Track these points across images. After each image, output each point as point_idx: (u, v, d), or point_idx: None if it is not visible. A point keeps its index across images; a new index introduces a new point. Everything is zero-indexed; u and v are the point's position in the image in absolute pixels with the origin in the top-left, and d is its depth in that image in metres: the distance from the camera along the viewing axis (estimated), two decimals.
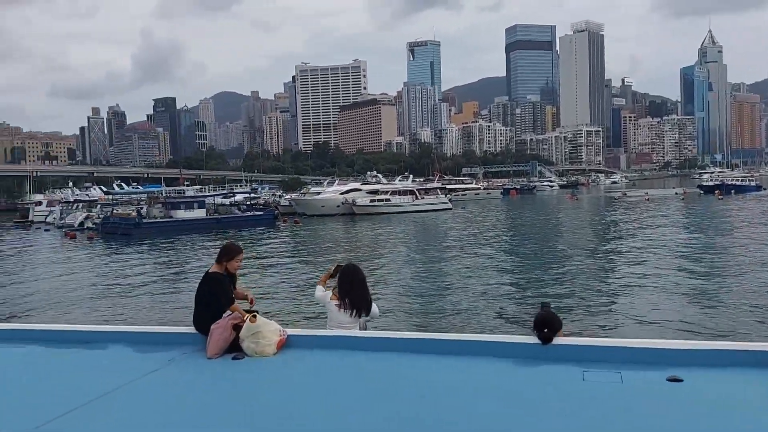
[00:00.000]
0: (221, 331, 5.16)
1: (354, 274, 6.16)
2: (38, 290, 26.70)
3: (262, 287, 22.87)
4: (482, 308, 17.82)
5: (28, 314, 21.01)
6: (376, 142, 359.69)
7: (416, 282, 23.69)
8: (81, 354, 5.18)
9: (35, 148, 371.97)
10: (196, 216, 62.33)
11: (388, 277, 24.93)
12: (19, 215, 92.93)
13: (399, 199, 78.61)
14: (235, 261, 5.72)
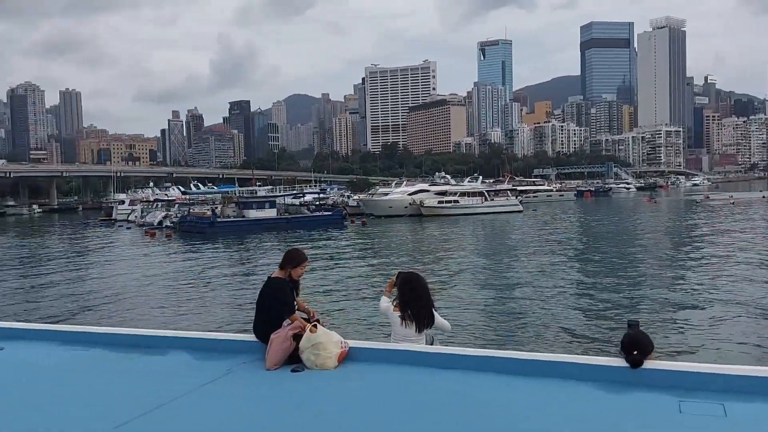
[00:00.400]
0: (281, 341, 5.04)
1: (414, 283, 5.78)
2: (116, 285, 27.75)
3: (325, 292, 22.78)
4: (556, 323, 16.57)
5: (105, 308, 21.87)
6: (445, 142, 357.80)
7: (483, 290, 22.93)
8: (141, 360, 5.17)
9: (120, 150, 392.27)
10: (267, 216, 63.61)
11: (453, 284, 24.34)
12: (104, 213, 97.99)
13: (468, 200, 77.57)
14: (299, 268, 5.62)
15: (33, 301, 24.08)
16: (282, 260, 5.66)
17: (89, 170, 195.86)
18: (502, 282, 24.64)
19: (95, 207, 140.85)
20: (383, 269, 28.61)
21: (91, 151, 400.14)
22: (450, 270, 29.05)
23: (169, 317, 19.35)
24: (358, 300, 20.90)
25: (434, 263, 31.78)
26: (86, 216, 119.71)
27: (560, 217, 71.26)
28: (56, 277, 31.52)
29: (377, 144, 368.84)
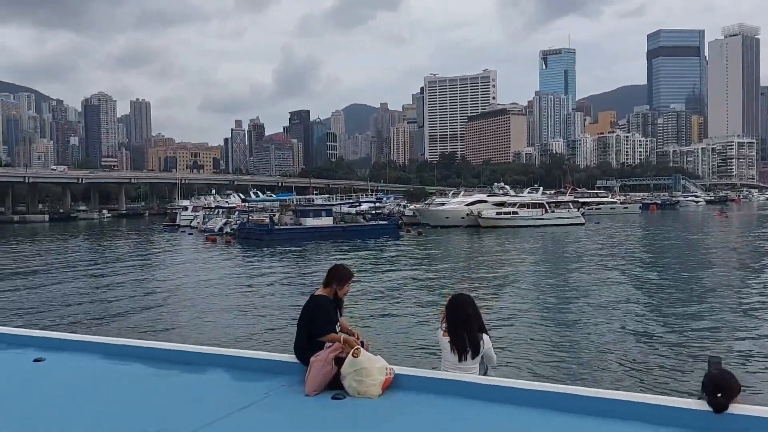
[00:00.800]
0: (321, 365, 4.69)
1: (460, 306, 5.26)
2: (173, 289, 28.20)
3: (372, 308, 22.23)
4: (622, 352, 15.10)
5: (159, 310, 22.18)
6: (504, 152, 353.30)
7: (540, 309, 21.82)
8: (179, 378, 5.04)
9: (185, 158, 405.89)
10: (323, 224, 64.01)
11: (508, 300, 23.43)
12: (168, 219, 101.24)
13: (527, 212, 75.92)
14: (346, 286, 5.30)
15: (94, 301, 24.70)
16: (326, 277, 5.34)
17: (156, 177, 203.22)
18: (561, 301, 23.54)
19: (161, 213, 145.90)
20: (438, 284, 27.77)
21: (158, 158, 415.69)
22: (506, 285, 28.15)
23: (219, 326, 19.30)
24: (407, 318, 19.63)
25: (489, 277, 30.92)
26: (152, 221, 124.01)
27: (624, 231, 68.66)
28: (118, 279, 32.46)
29: (435, 154, 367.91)
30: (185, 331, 18.11)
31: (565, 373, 13.17)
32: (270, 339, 16.77)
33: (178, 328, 18.75)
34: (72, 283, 31.45)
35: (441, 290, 25.04)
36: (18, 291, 28.98)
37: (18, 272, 37.32)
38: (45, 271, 37.74)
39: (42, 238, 79.21)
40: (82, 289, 29.05)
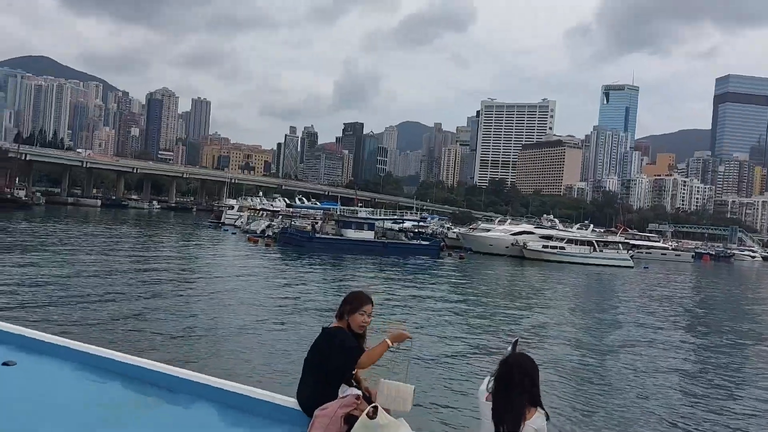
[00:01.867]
0: (326, 422, 3.77)
1: (512, 370, 3.86)
2: (207, 287, 27.82)
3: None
4: (647, 413, 13.53)
5: (185, 302, 21.70)
6: (556, 185, 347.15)
7: (582, 356, 20.19)
8: (159, 408, 4.27)
9: (237, 158, 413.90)
10: (364, 237, 63.30)
11: (546, 344, 22.01)
12: (213, 216, 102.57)
13: (575, 248, 73.50)
14: (358, 314, 4.24)
15: (128, 284, 24.43)
16: (339, 307, 4.38)
17: (207, 174, 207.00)
18: (604, 350, 21.83)
19: (208, 209, 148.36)
20: (480, 320, 26.19)
21: (212, 156, 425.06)
22: (546, 324, 26.63)
23: (238, 335, 18.51)
24: (444, 364, 16.81)
25: (529, 317, 29.43)
26: (198, 217, 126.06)
27: (675, 280, 65.61)
28: (155, 271, 32.36)
29: (484, 178, 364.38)
30: (201, 343, 17.34)
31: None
32: (284, 369, 14.13)
33: (195, 334, 18.03)
34: (108, 269, 31.48)
35: (487, 330, 23.58)
36: (57, 270, 29.14)
37: (58, 253, 37.70)
38: (82, 252, 38.11)
39: (92, 222, 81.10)
40: (117, 277, 28.97)
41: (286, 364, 13.88)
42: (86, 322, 18.38)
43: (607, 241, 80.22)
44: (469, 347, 19.22)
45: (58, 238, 49.88)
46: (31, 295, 22.43)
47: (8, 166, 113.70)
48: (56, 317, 18.71)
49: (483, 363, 16.47)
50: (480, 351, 18.44)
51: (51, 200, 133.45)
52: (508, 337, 21.71)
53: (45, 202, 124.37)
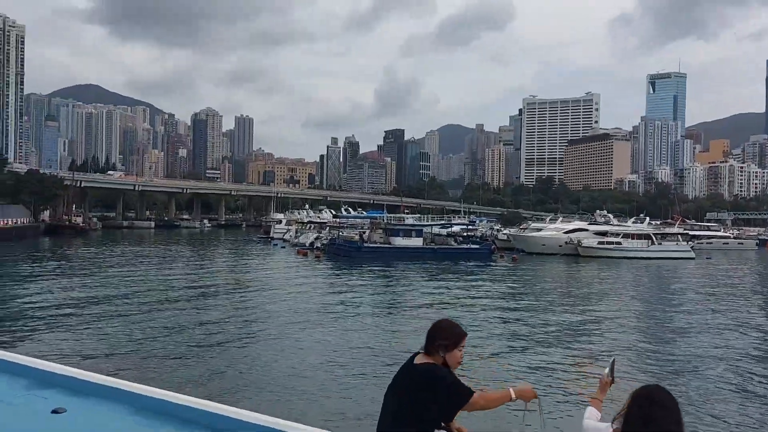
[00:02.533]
0: None
1: (654, 408, 2.92)
2: (266, 307, 27.58)
3: (471, 356, 19.87)
4: (715, 410, 12.44)
5: (242, 320, 21.42)
6: (605, 179, 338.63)
7: (641, 357, 18.93)
8: None
9: (282, 172, 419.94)
10: (413, 244, 62.58)
11: (608, 341, 20.75)
12: (263, 231, 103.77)
13: (632, 243, 70.94)
14: (458, 350, 3.77)
15: (185, 309, 24.39)
16: (428, 339, 3.75)
17: (253, 190, 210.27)
18: (666, 347, 20.50)
19: (256, 225, 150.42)
20: (550, 327, 24.75)
21: (258, 172, 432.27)
22: (616, 322, 25.32)
23: (303, 364, 18.02)
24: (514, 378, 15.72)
25: (597, 312, 28.12)
26: (248, 233, 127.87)
27: (741, 269, 62.49)
28: (211, 285, 32.44)
29: (531, 177, 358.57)
30: (266, 379, 16.90)
31: None
32: (362, 412, 12.64)
33: (259, 369, 17.52)
34: (165, 292, 31.72)
35: (562, 341, 22.27)
36: (110, 291, 29.50)
37: (117, 277, 38.32)
38: (140, 275, 38.67)
39: (147, 244, 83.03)
40: (173, 303, 29.07)
41: (364, 406, 12.84)
42: (143, 355, 18.22)
43: (666, 234, 77.20)
44: (545, 363, 18.06)
45: (116, 261, 50.99)
46: (91, 324, 22.58)
47: (65, 194, 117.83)
48: (110, 349, 18.65)
49: (564, 384, 15.34)
50: (560, 368, 17.14)
51: (107, 225, 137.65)
52: (583, 345, 20.58)
53: (101, 227, 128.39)
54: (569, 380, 15.50)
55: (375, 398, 11.88)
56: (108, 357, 16.88)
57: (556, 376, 15.81)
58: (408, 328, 22.48)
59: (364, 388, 14.00)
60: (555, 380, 15.41)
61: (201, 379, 14.81)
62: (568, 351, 19.27)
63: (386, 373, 13.80)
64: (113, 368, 14.81)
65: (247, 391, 13.71)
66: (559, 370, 16.61)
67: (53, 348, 17.67)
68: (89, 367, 12.11)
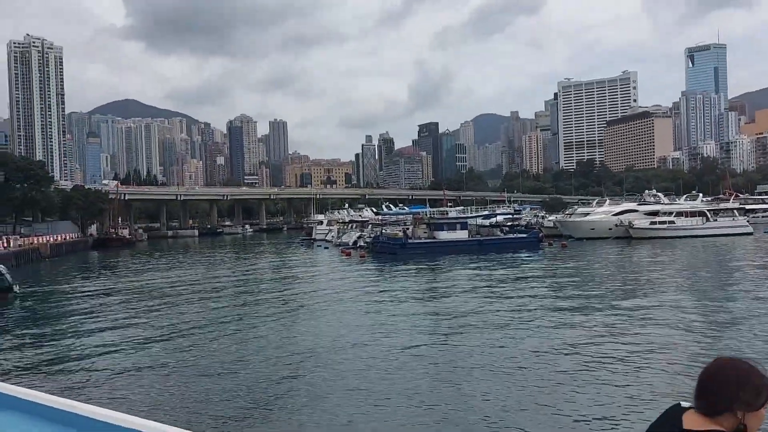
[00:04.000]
0: None
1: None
2: (315, 315, 26.96)
3: (524, 352, 18.60)
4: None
5: (290, 322, 20.79)
6: (648, 158, 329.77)
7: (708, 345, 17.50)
8: None
9: (319, 174, 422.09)
10: (458, 237, 61.37)
11: (672, 336, 19.28)
12: (304, 233, 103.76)
13: (686, 221, 68.25)
14: (765, 409, 2.41)
15: (235, 319, 23.97)
16: (715, 390, 2.42)
17: (293, 193, 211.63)
18: (732, 331, 18.96)
19: (297, 227, 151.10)
20: (616, 317, 23.27)
21: (295, 175, 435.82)
22: (685, 305, 23.81)
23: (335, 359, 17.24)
24: (596, 384, 14.14)
25: (663, 296, 26.60)
26: (290, 235, 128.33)
27: None
28: (257, 291, 32.05)
29: (570, 162, 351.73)
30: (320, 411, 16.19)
31: None
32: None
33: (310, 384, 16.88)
34: (213, 302, 31.47)
35: (640, 334, 20.92)
36: (162, 301, 29.39)
37: (155, 289, 38.35)
38: (189, 284, 38.65)
39: (194, 252, 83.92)
40: (221, 314, 28.76)
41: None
42: (193, 366, 17.74)
43: (720, 209, 74.02)
44: (621, 361, 16.94)
45: (162, 272, 51.34)
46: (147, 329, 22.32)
47: (110, 207, 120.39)
48: (167, 358, 18.23)
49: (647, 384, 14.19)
50: (644, 360, 16.05)
51: (152, 235, 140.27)
52: (661, 334, 19.23)
53: (147, 238, 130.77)
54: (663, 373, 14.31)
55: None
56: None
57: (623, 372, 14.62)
58: (479, 333, 21.42)
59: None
60: (619, 373, 14.24)
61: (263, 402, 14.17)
62: (646, 340, 18.00)
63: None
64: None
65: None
66: (643, 362, 15.41)
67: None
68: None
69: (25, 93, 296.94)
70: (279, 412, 12.75)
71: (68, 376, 16.71)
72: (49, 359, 18.63)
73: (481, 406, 12.44)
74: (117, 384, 15.46)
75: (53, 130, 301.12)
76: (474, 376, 14.72)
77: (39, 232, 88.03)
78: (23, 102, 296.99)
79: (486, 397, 13.05)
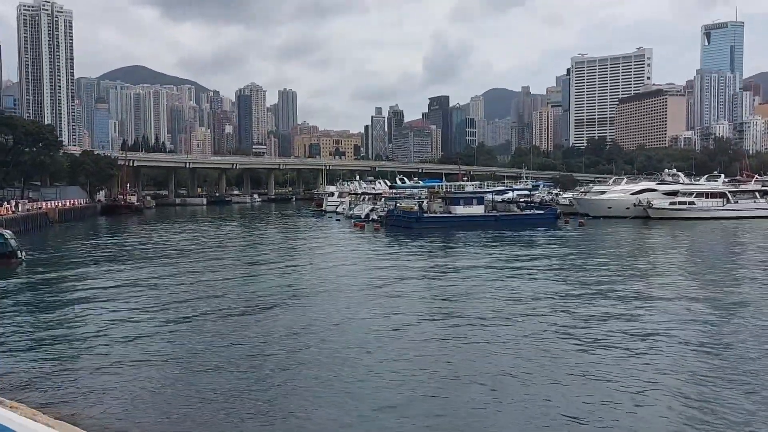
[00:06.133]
0: None
1: None
2: (325, 276, 26.18)
3: (545, 335, 17.78)
4: None
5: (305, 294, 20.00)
6: (659, 137, 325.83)
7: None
8: None
9: (328, 145, 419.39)
10: (474, 212, 60.44)
11: (689, 324, 18.32)
12: (315, 204, 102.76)
13: (706, 202, 66.88)
14: None
15: (246, 297, 23.20)
16: None
17: (302, 163, 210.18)
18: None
19: (306, 198, 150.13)
20: (636, 295, 22.73)
21: (303, 146, 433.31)
22: (711, 290, 22.82)
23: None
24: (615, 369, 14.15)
25: (688, 281, 25.62)
26: (298, 206, 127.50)
27: None
28: (269, 260, 31.28)
29: (581, 139, 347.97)
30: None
31: None
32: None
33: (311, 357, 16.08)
34: (233, 268, 30.74)
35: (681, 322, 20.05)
36: (165, 269, 28.65)
37: (165, 254, 37.60)
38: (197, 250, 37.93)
39: (202, 220, 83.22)
40: (236, 276, 28.02)
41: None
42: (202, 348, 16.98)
43: (742, 191, 72.41)
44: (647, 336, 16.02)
45: (170, 240, 50.62)
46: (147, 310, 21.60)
47: (119, 173, 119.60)
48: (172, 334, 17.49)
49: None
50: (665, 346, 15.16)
51: (160, 203, 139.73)
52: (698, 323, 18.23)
53: (155, 205, 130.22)
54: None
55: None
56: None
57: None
58: (501, 315, 20.57)
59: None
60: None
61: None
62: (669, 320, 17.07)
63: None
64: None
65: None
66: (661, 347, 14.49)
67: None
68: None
69: (35, 57, 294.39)
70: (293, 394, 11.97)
71: (65, 348, 15.98)
72: (47, 333, 17.91)
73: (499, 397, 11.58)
74: (117, 361, 14.69)
75: (62, 95, 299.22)
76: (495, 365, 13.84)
77: (47, 197, 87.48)
78: (32, 66, 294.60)
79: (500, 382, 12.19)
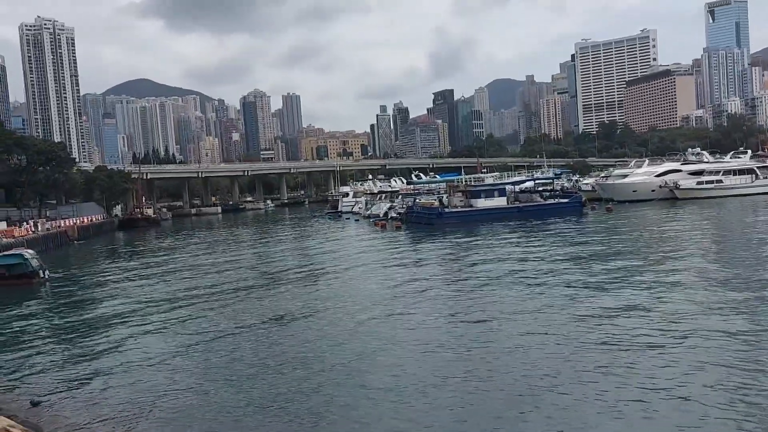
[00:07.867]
0: None
1: None
2: (365, 284, 25.23)
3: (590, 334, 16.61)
4: None
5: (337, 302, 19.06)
6: (670, 117, 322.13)
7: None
8: None
9: (335, 146, 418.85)
10: (496, 205, 59.28)
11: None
12: (330, 206, 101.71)
13: (734, 179, 65.38)
14: None
15: (275, 305, 22.31)
16: None
17: (312, 166, 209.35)
18: None
19: (320, 200, 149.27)
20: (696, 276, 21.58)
21: (311, 148, 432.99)
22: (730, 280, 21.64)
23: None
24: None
25: (733, 262, 24.43)
26: (312, 209, 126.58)
27: None
28: (303, 262, 30.35)
29: (590, 124, 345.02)
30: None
31: None
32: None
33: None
34: (246, 280, 29.90)
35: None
36: (193, 274, 27.82)
37: (188, 267, 36.83)
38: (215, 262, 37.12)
39: (218, 228, 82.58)
40: (256, 301, 27.14)
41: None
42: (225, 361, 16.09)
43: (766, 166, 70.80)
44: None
45: (192, 252, 49.93)
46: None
47: (133, 187, 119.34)
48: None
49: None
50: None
51: (176, 213, 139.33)
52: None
53: (171, 216, 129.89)
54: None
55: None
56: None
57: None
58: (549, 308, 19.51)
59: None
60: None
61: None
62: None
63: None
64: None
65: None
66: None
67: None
68: None
69: (40, 76, 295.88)
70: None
71: (90, 367, 15.13)
72: (74, 352, 17.10)
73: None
74: (145, 375, 13.84)
75: (69, 113, 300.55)
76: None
77: (65, 214, 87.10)
78: (38, 85, 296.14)
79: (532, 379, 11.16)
